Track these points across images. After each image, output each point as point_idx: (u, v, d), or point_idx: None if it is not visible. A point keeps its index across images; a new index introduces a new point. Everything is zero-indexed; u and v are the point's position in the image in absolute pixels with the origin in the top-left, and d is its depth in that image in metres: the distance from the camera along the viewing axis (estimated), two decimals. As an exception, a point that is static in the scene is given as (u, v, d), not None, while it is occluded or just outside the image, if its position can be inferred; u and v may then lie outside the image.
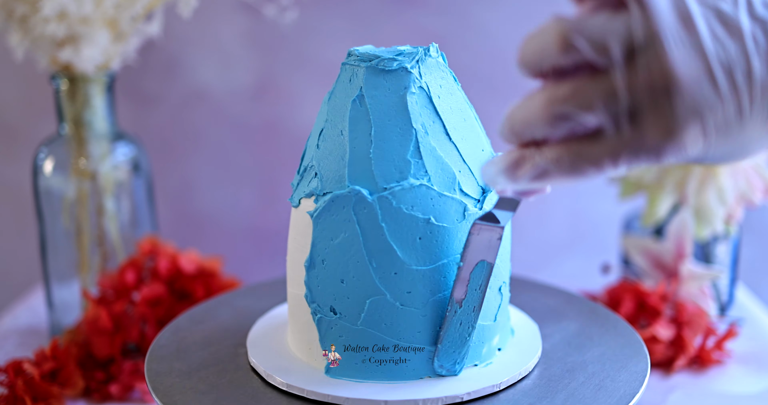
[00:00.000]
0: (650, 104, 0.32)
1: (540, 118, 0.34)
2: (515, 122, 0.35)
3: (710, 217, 0.76)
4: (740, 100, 0.32)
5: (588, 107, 0.33)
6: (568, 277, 0.92)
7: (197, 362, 0.51)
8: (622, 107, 0.32)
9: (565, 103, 0.33)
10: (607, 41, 0.32)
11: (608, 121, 0.33)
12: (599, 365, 0.50)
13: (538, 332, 0.54)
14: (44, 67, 0.75)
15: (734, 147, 0.34)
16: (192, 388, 0.48)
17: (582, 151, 0.34)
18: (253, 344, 0.52)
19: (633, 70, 0.32)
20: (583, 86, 0.33)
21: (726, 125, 0.32)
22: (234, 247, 1.06)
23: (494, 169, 0.37)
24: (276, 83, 1.02)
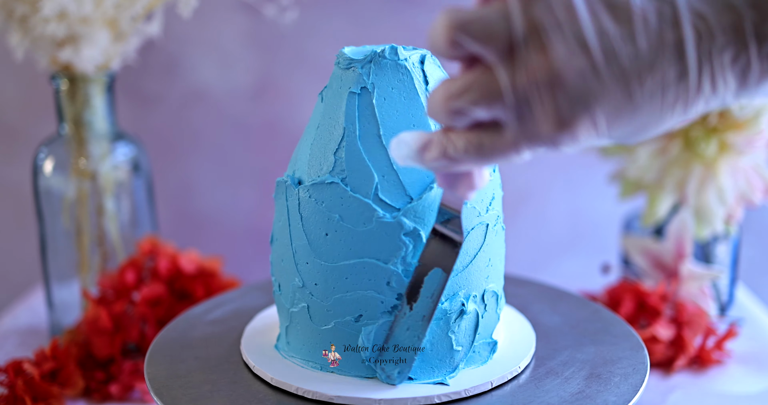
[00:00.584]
0: (537, 97, 0.32)
1: (439, 112, 0.34)
2: (428, 109, 0.35)
3: (710, 217, 0.76)
4: (629, 83, 0.31)
5: (480, 102, 0.33)
6: (568, 277, 0.92)
7: (197, 362, 0.51)
8: (509, 102, 0.32)
9: (459, 99, 0.33)
10: (490, 37, 0.32)
11: (501, 114, 0.33)
12: (599, 365, 0.50)
13: (533, 331, 0.54)
14: (44, 67, 0.75)
15: (634, 127, 0.33)
16: (192, 388, 0.48)
17: (484, 142, 0.34)
18: (248, 343, 0.52)
19: (518, 64, 0.32)
20: (473, 81, 0.33)
21: (617, 111, 0.32)
22: (234, 247, 1.06)
23: (405, 149, 0.37)
24: (276, 83, 1.02)
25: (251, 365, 0.50)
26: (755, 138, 0.73)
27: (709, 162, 0.75)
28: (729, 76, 0.32)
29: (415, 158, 0.37)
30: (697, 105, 0.33)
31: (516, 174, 1.05)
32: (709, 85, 0.32)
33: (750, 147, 0.73)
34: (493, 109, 0.33)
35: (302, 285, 0.48)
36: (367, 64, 0.46)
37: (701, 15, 0.31)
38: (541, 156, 1.05)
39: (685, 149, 0.75)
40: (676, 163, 0.75)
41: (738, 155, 0.74)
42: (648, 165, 0.76)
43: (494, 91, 0.32)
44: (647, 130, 0.34)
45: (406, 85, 0.47)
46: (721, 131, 0.74)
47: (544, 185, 1.06)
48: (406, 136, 0.37)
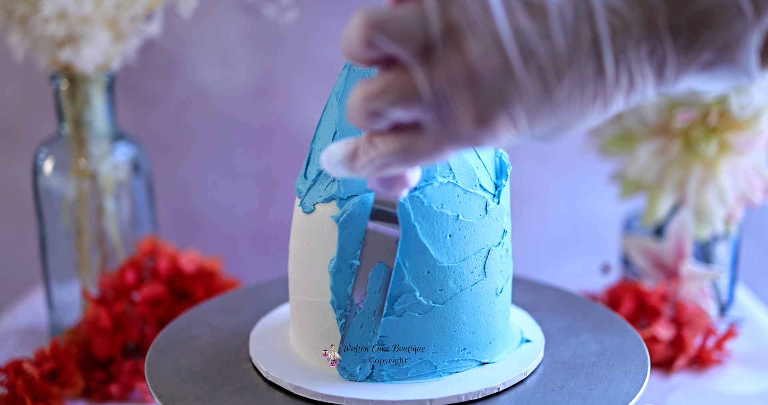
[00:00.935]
0: (455, 97, 0.31)
1: (358, 115, 0.34)
2: (347, 114, 0.35)
3: (710, 217, 0.76)
4: (547, 80, 0.31)
5: (398, 103, 0.32)
6: (568, 277, 0.92)
7: (197, 362, 0.51)
8: (427, 102, 0.32)
9: (376, 100, 0.33)
10: (406, 35, 0.31)
11: (421, 115, 0.33)
12: (599, 365, 0.50)
13: (541, 334, 0.54)
14: (44, 67, 0.75)
15: (555, 124, 0.33)
16: (192, 388, 0.48)
17: (407, 144, 0.34)
18: (255, 344, 0.52)
19: (435, 64, 0.31)
20: (391, 82, 0.32)
21: (536, 107, 0.32)
22: (234, 247, 1.06)
23: (334, 159, 0.37)
24: (276, 83, 1.02)
25: (260, 368, 0.50)
26: (755, 138, 0.73)
27: (709, 162, 0.75)
28: (646, 71, 0.32)
29: (346, 167, 0.36)
30: (616, 100, 0.33)
31: (516, 174, 1.05)
32: (626, 80, 0.32)
33: (750, 147, 0.73)
34: (412, 109, 0.32)
35: (419, 295, 0.47)
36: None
37: (615, 10, 0.31)
38: (542, 156, 1.05)
39: (685, 149, 0.75)
40: (676, 163, 0.75)
41: (738, 155, 0.74)
42: (648, 165, 0.76)
43: (411, 92, 0.32)
44: (569, 127, 0.33)
45: None
46: (721, 131, 0.74)
47: (544, 185, 1.06)
48: (333, 147, 0.37)
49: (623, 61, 0.32)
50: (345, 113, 0.35)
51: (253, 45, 1.01)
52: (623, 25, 0.31)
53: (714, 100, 0.72)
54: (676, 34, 0.31)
